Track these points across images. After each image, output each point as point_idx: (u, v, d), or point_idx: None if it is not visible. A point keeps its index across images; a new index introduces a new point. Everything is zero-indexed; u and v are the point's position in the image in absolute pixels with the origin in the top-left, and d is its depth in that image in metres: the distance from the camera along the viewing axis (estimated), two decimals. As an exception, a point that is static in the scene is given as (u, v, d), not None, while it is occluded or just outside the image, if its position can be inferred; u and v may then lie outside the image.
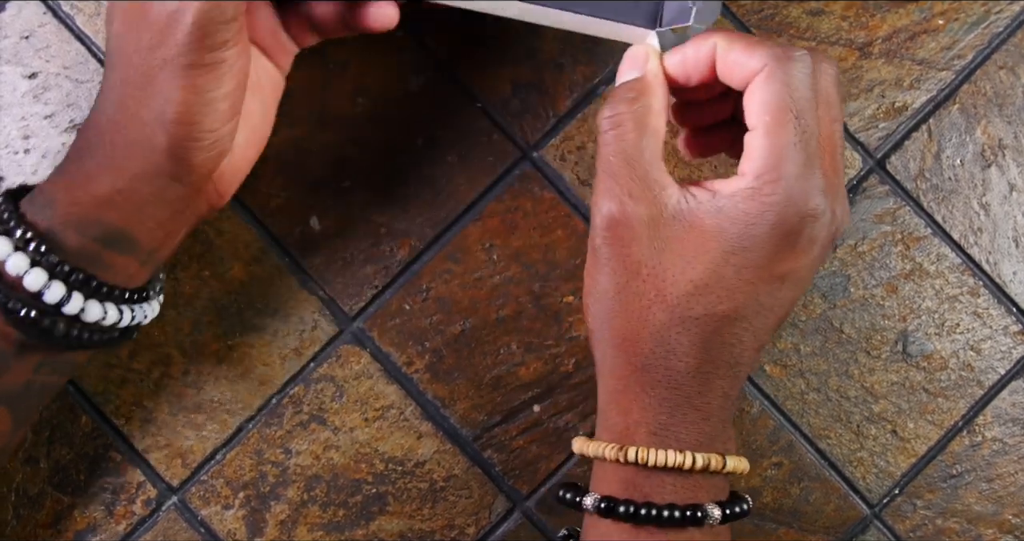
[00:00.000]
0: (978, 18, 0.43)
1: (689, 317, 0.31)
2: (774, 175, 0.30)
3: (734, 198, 0.31)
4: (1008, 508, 0.42)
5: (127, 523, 0.41)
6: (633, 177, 0.31)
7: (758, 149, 0.31)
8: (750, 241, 0.30)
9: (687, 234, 0.31)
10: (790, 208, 0.30)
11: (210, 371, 0.41)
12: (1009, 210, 0.42)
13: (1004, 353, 0.42)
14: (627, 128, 0.32)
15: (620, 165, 0.31)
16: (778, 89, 0.30)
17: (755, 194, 0.30)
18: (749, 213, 0.30)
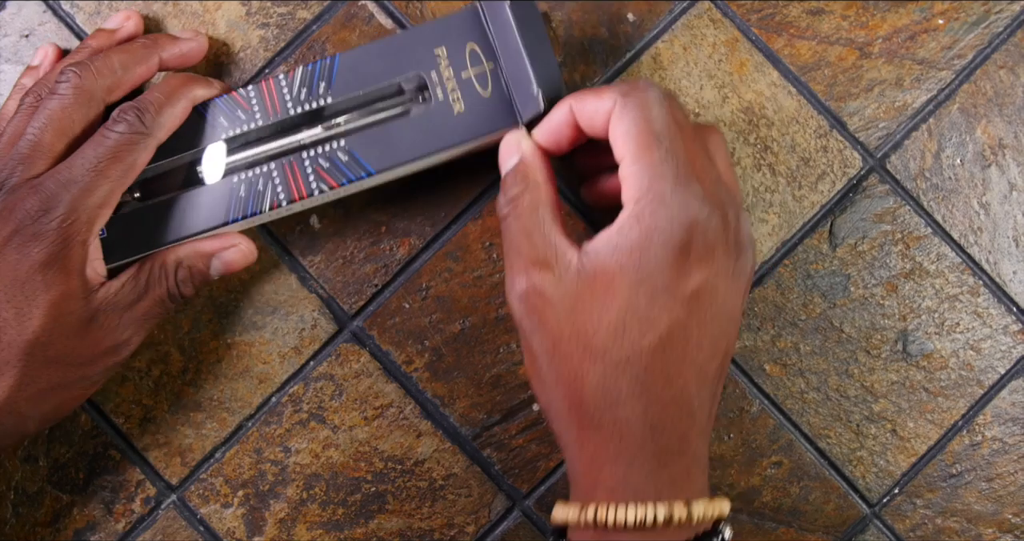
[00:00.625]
0: (978, 18, 0.43)
1: (620, 360, 0.31)
2: (650, 195, 0.31)
3: (623, 230, 0.31)
4: (1008, 507, 0.42)
5: (126, 521, 0.41)
6: (534, 248, 0.33)
7: (630, 176, 0.31)
8: (649, 264, 0.30)
9: (594, 282, 0.31)
10: (673, 222, 0.30)
11: (209, 369, 0.41)
12: (1009, 209, 0.42)
13: (1004, 352, 0.42)
14: (521, 208, 0.33)
15: (521, 241, 0.33)
16: (635, 116, 0.32)
17: (639, 218, 0.31)
18: (639, 238, 0.31)
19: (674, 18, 0.42)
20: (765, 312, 0.42)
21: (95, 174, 0.33)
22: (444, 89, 0.36)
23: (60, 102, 0.35)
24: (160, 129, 0.35)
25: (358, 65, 0.37)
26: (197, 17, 0.42)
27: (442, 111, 0.36)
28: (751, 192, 0.42)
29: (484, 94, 0.36)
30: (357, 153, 0.37)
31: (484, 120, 0.36)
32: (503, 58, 0.36)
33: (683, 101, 0.42)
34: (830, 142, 0.42)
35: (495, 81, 0.36)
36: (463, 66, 0.36)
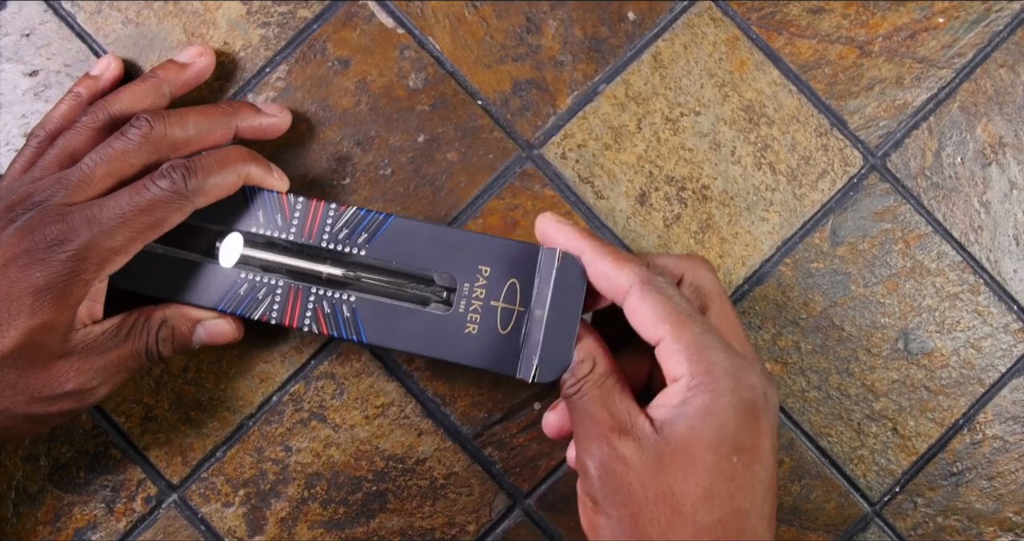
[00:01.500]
0: (978, 16, 0.43)
1: (711, 523, 0.32)
2: (705, 365, 0.32)
3: (688, 401, 0.32)
4: (1009, 506, 0.42)
5: (127, 521, 0.41)
6: (611, 417, 0.33)
7: (677, 352, 0.33)
8: (726, 429, 0.32)
9: (675, 449, 0.32)
10: (738, 386, 0.32)
11: (210, 368, 0.41)
12: (1009, 208, 0.42)
13: (1005, 351, 0.42)
14: (593, 380, 0.34)
15: (597, 410, 0.33)
16: (659, 300, 0.33)
17: (702, 387, 0.32)
18: (708, 405, 0.32)
19: (675, 17, 0.42)
20: (766, 311, 0.42)
21: (121, 221, 0.34)
22: (468, 305, 0.36)
23: (124, 146, 0.35)
24: (201, 195, 0.35)
25: (406, 237, 0.37)
26: (198, 16, 0.42)
27: (455, 324, 0.36)
28: (751, 191, 0.42)
29: (501, 331, 0.36)
30: (360, 316, 0.36)
31: (487, 353, 0.36)
32: (533, 310, 0.35)
33: (684, 100, 0.42)
34: (831, 141, 0.42)
35: (517, 325, 0.36)
36: (497, 295, 0.36)
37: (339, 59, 0.42)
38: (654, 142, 0.42)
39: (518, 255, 0.36)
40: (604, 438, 0.33)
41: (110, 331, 0.35)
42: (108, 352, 0.35)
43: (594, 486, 0.33)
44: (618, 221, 0.42)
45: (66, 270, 0.33)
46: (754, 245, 0.42)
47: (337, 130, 0.42)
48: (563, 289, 0.35)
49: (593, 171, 0.42)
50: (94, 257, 0.33)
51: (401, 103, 0.42)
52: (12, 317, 0.32)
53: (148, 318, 0.37)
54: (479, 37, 0.42)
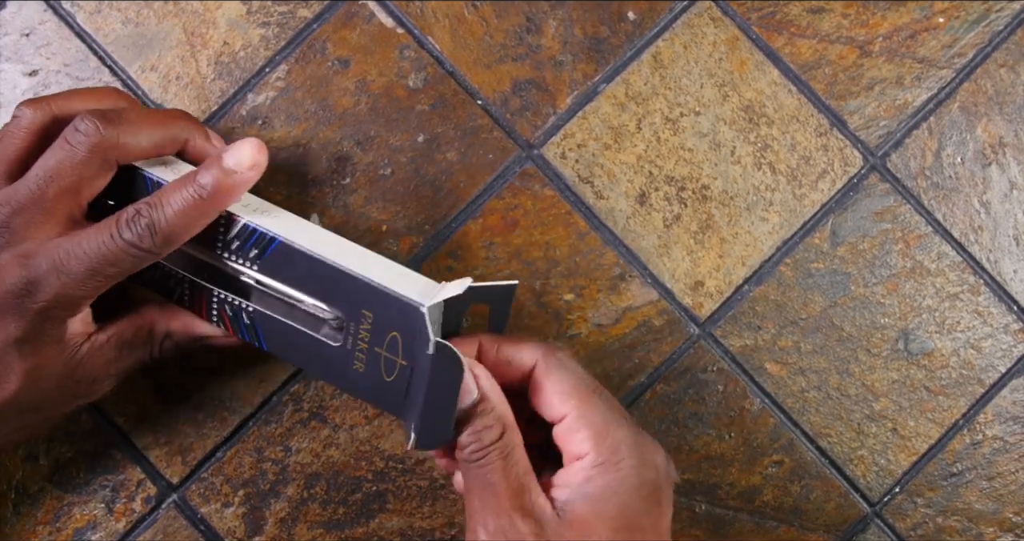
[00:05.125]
0: (979, 16, 0.43)
1: None
2: (611, 444, 0.32)
3: (591, 480, 0.31)
4: (1009, 506, 0.42)
5: (127, 521, 0.41)
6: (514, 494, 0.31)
7: (584, 428, 0.32)
8: (629, 511, 0.31)
9: (574, 532, 0.31)
10: (643, 465, 0.32)
11: (210, 368, 0.41)
12: (1010, 208, 0.42)
13: (1005, 351, 0.42)
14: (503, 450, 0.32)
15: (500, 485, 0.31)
16: (566, 375, 0.33)
17: (606, 467, 0.31)
18: (612, 485, 0.31)
19: (675, 16, 0.42)
20: (766, 311, 0.42)
21: (88, 273, 0.32)
22: (354, 344, 0.33)
23: (71, 157, 0.32)
24: (167, 247, 0.33)
25: (292, 262, 0.33)
26: (198, 16, 0.42)
27: (344, 357, 0.34)
28: (751, 191, 0.42)
29: (386, 379, 0.33)
30: (259, 326, 0.35)
31: (377, 393, 0.34)
32: (415, 367, 0.32)
33: (684, 100, 0.42)
34: (830, 141, 0.42)
35: (401, 375, 0.33)
36: (380, 343, 0.33)
37: (339, 59, 0.42)
38: (654, 142, 0.42)
39: (399, 310, 0.32)
40: (505, 514, 0.31)
41: (114, 341, 0.35)
42: (112, 363, 0.35)
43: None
44: (618, 221, 0.42)
45: (40, 319, 0.32)
46: (754, 245, 0.42)
47: (337, 130, 0.42)
48: (441, 375, 0.31)
49: (593, 171, 0.42)
50: (65, 304, 0.32)
51: (401, 103, 0.42)
52: (6, 366, 0.32)
53: (151, 332, 0.36)
54: (479, 37, 0.42)
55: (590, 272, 0.42)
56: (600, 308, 0.42)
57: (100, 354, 0.35)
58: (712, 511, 0.42)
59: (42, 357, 0.33)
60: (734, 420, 0.42)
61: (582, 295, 0.42)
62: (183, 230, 0.33)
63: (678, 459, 0.42)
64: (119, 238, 0.32)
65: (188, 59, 0.42)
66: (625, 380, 0.42)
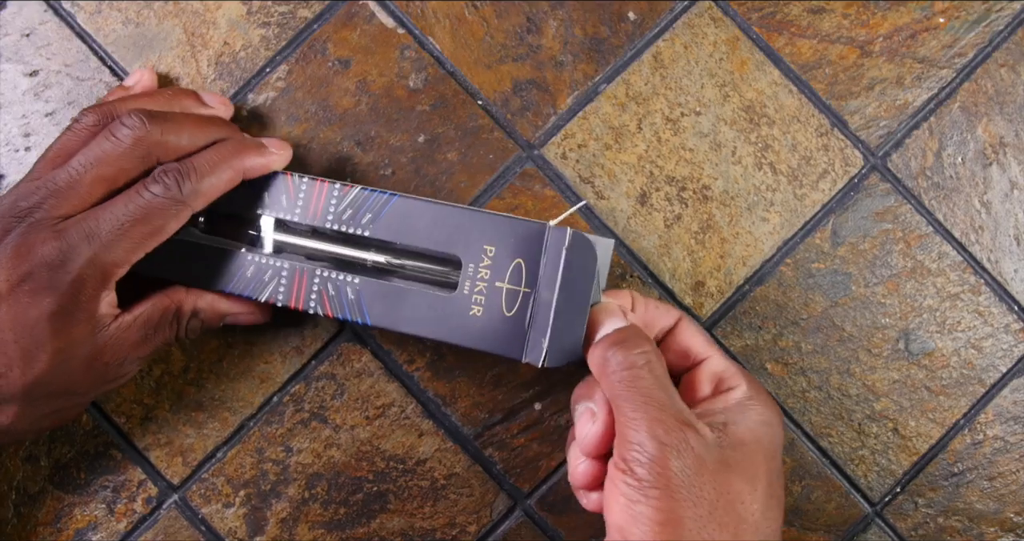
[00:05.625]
0: (979, 16, 0.43)
1: (771, 532, 0.32)
2: (757, 384, 0.35)
3: (749, 409, 0.33)
4: (1009, 506, 0.42)
5: (128, 521, 0.41)
6: (676, 408, 0.32)
7: (732, 366, 0.35)
8: (777, 443, 0.33)
9: (737, 452, 0.32)
10: (777, 408, 0.34)
11: (211, 369, 0.41)
12: (1010, 208, 0.42)
13: (1005, 351, 0.42)
14: (654, 364, 0.32)
15: (662, 397, 0.32)
16: (701, 330, 0.37)
17: (759, 400, 0.34)
18: (767, 417, 0.33)
19: (675, 17, 0.42)
20: (767, 311, 0.42)
21: (119, 234, 0.33)
22: (472, 286, 0.35)
23: (114, 148, 0.34)
24: (197, 198, 0.34)
25: (410, 217, 0.36)
26: (198, 16, 0.42)
27: (459, 306, 0.35)
28: (752, 191, 0.42)
29: (506, 313, 0.35)
30: (364, 299, 0.36)
31: (492, 337, 0.35)
32: (540, 291, 0.34)
33: (684, 100, 0.42)
34: (831, 141, 0.42)
35: (522, 307, 0.34)
36: (502, 276, 0.35)
37: (339, 59, 0.42)
38: (654, 142, 0.42)
39: (524, 234, 0.35)
40: (673, 425, 0.31)
41: (141, 321, 0.35)
42: (140, 344, 0.35)
43: (648, 474, 0.30)
44: (619, 221, 0.42)
45: (73, 291, 0.32)
46: (755, 245, 0.42)
47: (337, 130, 0.42)
48: (573, 271, 0.34)
49: (593, 171, 0.42)
50: (98, 273, 0.33)
51: (401, 103, 0.42)
52: (37, 342, 0.32)
53: (179, 310, 0.36)
54: (479, 37, 0.42)
55: (591, 272, 0.42)
56: (601, 308, 0.42)
57: (127, 335, 0.35)
58: (713, 511, 0.42)
59: (72, 335, 0.33)
60: (735, 420, 0.42)
61: None
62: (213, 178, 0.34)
63: (679, 459, 0.42)
64: (147, 192, 0.33)
65: (188, 59, 0.42)
66: (626, 380, 0.42)
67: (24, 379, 0.33)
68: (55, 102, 0.42)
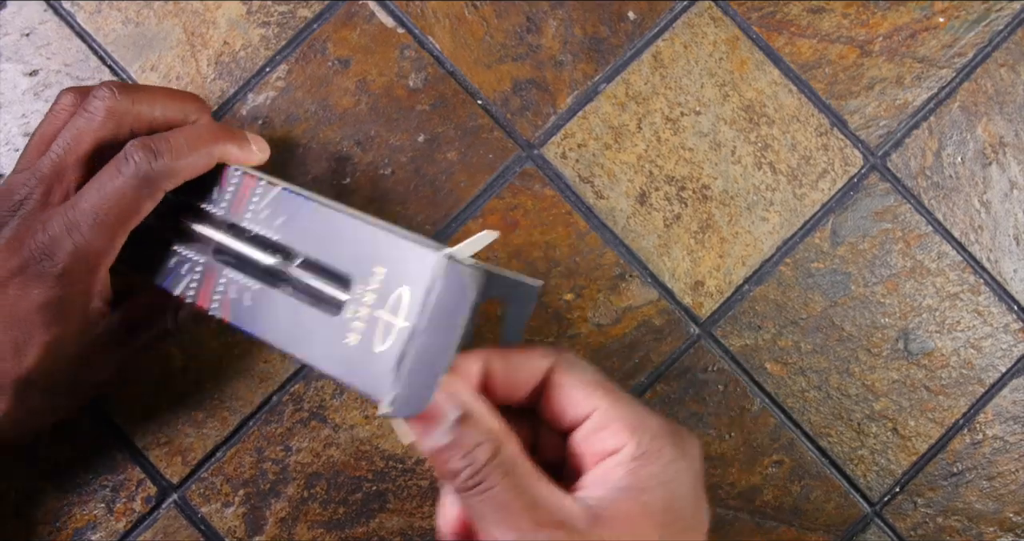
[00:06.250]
0: (979, 16, 0.43)
1: None
2: (649, 433, 0.28)
3: (634, 472, 0.28)
4: (1009, 506, 0.42)
5: (127, 521, 0.41)
6: (535, 507, 0.27)
7: (616, 421, 0.28)
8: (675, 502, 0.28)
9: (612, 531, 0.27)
10: (685, 456, 0.28)
11: (210, 368, 0.41)
12: (1010, 208, 0.42)
13: (1005, 351, 0.42)
14: (504, 463, 0.27)
15: (514, 502, 0.27)
16: (586, 370, 0.29)
17: (650, 456, 0.28)
18: (657, 475, 0.28)
19: (675, 16, 0.42)
20: (766, 311, 0.42)
21: (96, 221, 0.32)
22: (355, 312, 0.30)
23: (88, 123, 0.34)
24: (169, 179, 0.33)
25: (318, 225, 0.32)
26: (198, 16, 0.42)
27: (337, 331, 0.30)
28: (752, 190, 0.42)
29: (378, 347, 0.29)
30: (257, 307, 0.32)
31: (362, 372, 0.29)
32: (417, 328, 0.28)
33: (684, 99, 0.42)
34: (831, 140, 0.42)
35: (397, 343, 0.28)
36: (383, 304, 0.29)
37: (339, 59, 0.42)
38: (654, 142, 0.42)
39: (417, 256, 0.28)
40: (528, 532, 0.26)
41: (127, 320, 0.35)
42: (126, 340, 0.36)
43: None
44: (618, 221, 0.42)
45: (61, 283, 0.33)
46: (754, 245, 0.42)
47: (337, 130, 0.42)
48: (443, 309, 0.27)
49: (593, 171, 0.42)
50: (82, 264, 0.33)
51: (401, 103, 0.42)
52: (27, 335, 0.33)
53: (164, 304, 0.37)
54: (479, 37, 0.42)
55: (590, 272, 0.42)
56: (600, 308, 0.42)
57: (116, 336, 0.35)
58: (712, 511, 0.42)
59: (63, 329, 0.33)
60: (734, 420, 0.42)
61: (582, 295, 0.42)
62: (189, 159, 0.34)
63: (678, 459, 0.42)
64: (118, 174, 0.33)
65: (188, 59, 0.42)
66: (625, 380, 0.42)
67: (16, 371, 0.33)
68: (55, 101, 0.42)
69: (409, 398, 0.27)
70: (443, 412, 0.27)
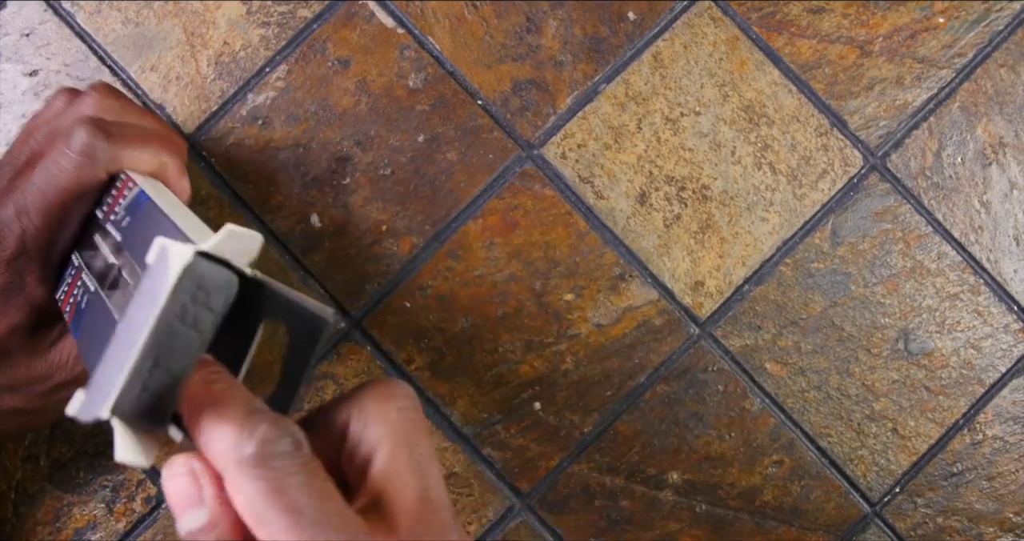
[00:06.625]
0: (979, 16, 0.43)
1: None
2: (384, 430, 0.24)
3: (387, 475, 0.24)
4: (1009, 506, 0.42)
5: (127, 521, 0.41)
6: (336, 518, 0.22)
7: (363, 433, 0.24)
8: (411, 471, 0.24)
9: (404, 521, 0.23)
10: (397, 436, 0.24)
11: (210, 368, 0.41)
12: (1010, 208, 0.42)
13: (1005, 351, 0.42)
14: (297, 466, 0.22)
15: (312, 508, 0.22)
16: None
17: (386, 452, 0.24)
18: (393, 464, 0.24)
19: (675, 16, 0.42)
20: (766, 311, 0.42)
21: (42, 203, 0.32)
22: None
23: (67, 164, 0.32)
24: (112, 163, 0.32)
25: (148, 225, 0.28)
26: (198, 16, 0.42)
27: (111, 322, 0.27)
28: (751, 191, 0.42)
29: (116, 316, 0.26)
30: (86, 312, 0.30)
31: None
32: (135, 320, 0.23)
33: (684, 100, 0.42)
34: (831, 141, 0.42)
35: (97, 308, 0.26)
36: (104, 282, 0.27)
37: (339, 59, 0.42)
38: (654, 142, 0.42)
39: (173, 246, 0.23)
40: None
41: None
42: None
43: None
44: (618, 221, 0.42)
45: (12, 271, 0.32)
46: (754, 245, 0.42)
47: (337, 130, 0.42)
48: (143, 299, 0.23)
49: (593, 171, 0.42)
50: (32, 249, 0.32)
51: (401, 103, 0.42)
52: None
53: None
54: (479, 37, 0.42)
55: (590, 272, 0.42)
56: (600, 308, 0.42)
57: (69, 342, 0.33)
58: (712, 511, 0.42)
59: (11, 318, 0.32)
60: (734, 420, 0.42)
61: (582, 295, 0.42)
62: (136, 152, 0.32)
63: (678, 459, 0.42)
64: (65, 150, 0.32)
65: (188, 59, 0.42)
66: (625, 380, 0.42)
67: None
68: (55, 102, 0.42)
69: (94, 399, 0.22)
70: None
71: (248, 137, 0.42)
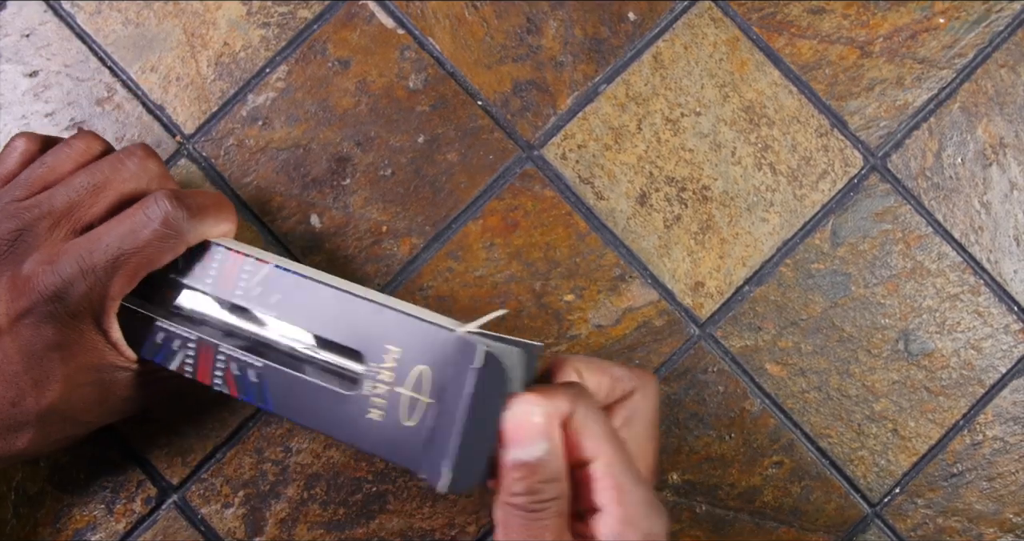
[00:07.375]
0: (979, 16, 0.43)
1: None
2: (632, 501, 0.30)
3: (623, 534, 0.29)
4: (1009, 507, 0.42)
5: (127, 521, 0.41)
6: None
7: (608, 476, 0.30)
8: None
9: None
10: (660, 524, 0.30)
11: (210, 369, 0.41)
12: (1010, 209, 0.42)
13: (1005, 352, 0.42)
14: (552, 514, 0.29)
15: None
16: (593, 421, 0.31)
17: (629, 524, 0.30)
18: None
19: (675, 17, 0.42)
20: (766, 312, 0.42)
21: (114, 266, 0.32)
22: (373, 388, 0.31)
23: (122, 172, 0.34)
24: (193, 234, 0.33)
25: (316, 303, 0.32)
26: (198, 16, 0.42)
27: (357, 407, 0.31)
28: (752, 191, 0.42)
29: (406, 422, 0.30)
30: (267, 384, 0.33)
31: (391, 445, 0.31)
32: (443, 406, 0.30)
33: (684, 100, 0.42)
34: (831, 141, 0.42)
35: (424, 419, 0.30)
36: (403, 381, 0.31)
37: (339, 59, 0.42)
38: (654, 143, 0.42)
39: (430, 337, 0.30)
40: None
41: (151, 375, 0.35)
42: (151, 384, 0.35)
43: None
44: (618, 222, 0.42)
45: (75, 323, 0.32)
46: (754, 246, 0.42)
47: (337, 130, 0.42)
48: (484, 394, 0.29)
49: (593, 172, 0.42)
50: (95, 306, 0.32)
51: (401, 104, 0.42)
52: (47, 371, 0.32)
53: None
54: (479, 37, 0.42)
55: (590, 273, 0.42)
56: (600, 309, 0.42)
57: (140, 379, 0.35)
58: (712, 512, 0.42)
59: (80, 363, 0.33)
60: (734, 421, 0.42)
61: (582, 296, 0.42)
62: (211, 221, 0.34)
63: (678, 460, 0.42)
64: (146, 221, 0.32)
65: (188, 60, 0.42)
66: (625, 381, 0.42)
67: (38, 406, 0.33)
68: (55, 103, 0.42)
69: (466, 476, 0.30)
70: (533, 432, 0.29)
71: (248, 138, 0.42)
